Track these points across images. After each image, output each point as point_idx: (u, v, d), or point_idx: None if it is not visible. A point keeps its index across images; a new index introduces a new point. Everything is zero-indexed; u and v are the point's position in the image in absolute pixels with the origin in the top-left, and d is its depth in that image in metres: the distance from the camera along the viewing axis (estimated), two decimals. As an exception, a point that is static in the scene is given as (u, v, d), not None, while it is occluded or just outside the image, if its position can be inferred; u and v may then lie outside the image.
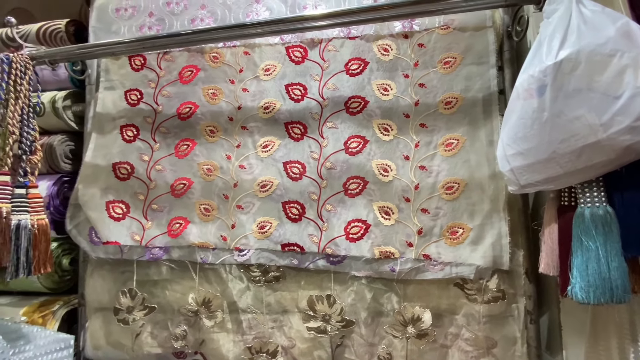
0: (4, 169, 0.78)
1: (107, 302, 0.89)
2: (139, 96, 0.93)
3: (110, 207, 0.89)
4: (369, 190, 0.82)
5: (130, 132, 0.92)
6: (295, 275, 0.83)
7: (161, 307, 0.87)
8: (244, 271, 0.84)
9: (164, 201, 0.88)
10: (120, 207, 0.89)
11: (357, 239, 0.79)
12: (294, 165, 0.84)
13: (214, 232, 0.84)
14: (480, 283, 0.76)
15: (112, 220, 0.88)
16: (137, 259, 0.87)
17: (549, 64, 0.54)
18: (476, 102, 0.82)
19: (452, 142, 0.81)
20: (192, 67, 0.93)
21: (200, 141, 0.89)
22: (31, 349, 0.84)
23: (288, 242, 0.80)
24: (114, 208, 0.89)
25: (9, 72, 0.82)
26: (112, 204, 0.89)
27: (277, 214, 0.82)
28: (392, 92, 0.85)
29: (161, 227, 0.87)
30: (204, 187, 0.87)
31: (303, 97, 0.87)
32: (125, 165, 0.90)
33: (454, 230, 0.78)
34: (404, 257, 0.77)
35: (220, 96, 0.90)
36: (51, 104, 1.01)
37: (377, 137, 0.84)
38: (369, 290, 0.79)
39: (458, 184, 0.79)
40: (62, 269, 0.99)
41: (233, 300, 0.84)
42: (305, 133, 0.86)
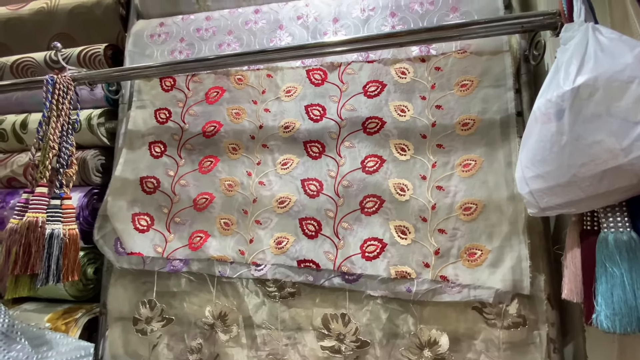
0: (43, 181, 0.84)
1: (127, 312, 0.92)
2: (167, 115, 0.99)
3: (136, 219, 0.93)
4: (385, 209, 0.82)
5: (158, 148, 0.97)
6: (311, 292, 0.83)
7: (178, 319, 0.88)
8: (260, 286, 0.85)
9: (186, 215, 0.92)
10: (145, 219, 0.93)
11: (373, 258, 0.79)
12: (312, 183, 0.86)
13: (233, 246, 0.86)
14: (500, 307, 0.74)
15: (137, 231, 0.92)
16: (158, 270, 0.90)
17: (567, 89, 0.55)
18: (494, 124, 0.82)
19: (469, 162, 0.81)
20: (218, 89, 0.98)
21: (223, 158, 0.93)
22: (53, 355, 0.87)
23: (304, 259, 0.81)
24: (139, 220, 0.93)
25: (52, 92, 0.89)
26: (138, 216, 0.93)
27: (294, 230, 0.84)
28: (409, 113, 0.87)
29: (182, 239, 0.90)
30: (224, 202, 0.90)
31: (322, 117, 0.90)
32: (152, 179, 0.95)
33: (472, 252, 0.77)
34: (420, 277, 0.77)
35: (243, 116, 0.95)
36: (87, 121, 1.08)
37: (394, 156, 0.85)
38: (385, 310, 0.78)
39: (476, 204, 0.79)
40: (86, 278, 1.03)
41: (248, 315, 0.84)
42: (323, 152, 0.88)
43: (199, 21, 1.03)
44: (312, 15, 0.95)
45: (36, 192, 0.82)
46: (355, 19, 0.93)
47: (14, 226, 0.80)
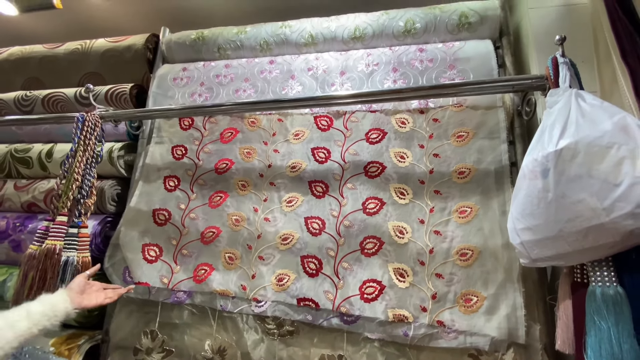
0: (64, 210, 0.90)
1: (128, 341, 0.94)
2: (183, 151, 1.06)
3: (145, 249, 0.97)
4: (384, 251, 0.86)
5: (172, 182, 1.03)
6: (309, 331, 0.84)
7: (179, 351, 0.90)
8: (259, 322, 0.87)
9: (193, 247, 0.96)
10: (154, 249, 0.97)
11: (371, 300, 0.81)
12: (315, 221, 0.90)
13: (235, 280, 0.89)
14: (496, 356, 0.75)
15: (145, 262, 0.96)
16: (162, 301, 0.93)
17: (551, 151, 0.60)
18: (488, 174, 0.87)
19: (465, 209, 0.85)
20: (232, 129, 1.06)
21: (232, 194, 0.99)
22: (54, 381, 0.88)
23: (304, 297, 0.83)
24: (149, 250, 0.97)
25: (82, 128, 0.98)
26: (148, 246, 0.98)
27: (296, 267, 0.87)
28: (409, 160, 0.93)
29: (188, 272, 0.93)
30: (230, 236, 0.95)
31: (327, 159, 0.96)
32: (164, 211, 1.00)
33: (468, 298, 0.79)
34: (417, 321, 0.78)
35: (254, 155, 1.02)
36: (108, 154, 1.16)
37: (393, 199, 0.90)
38: (382, 354, 0.79)
39: (472, 251, 0.81)
40: (92, 305, 1.06)
41: (247, 351, 0.86)
42: (327, 192, 0.94)
43: (219, 68, 1.13)
44: (322, 68, 1.05)
45: (57, 221, 0.88)
46: (361, 72, 1.01)
47: (32, 252, 0.85)
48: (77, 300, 0.71)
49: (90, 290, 0.76)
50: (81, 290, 0.74)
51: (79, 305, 0.71)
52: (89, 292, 0.75)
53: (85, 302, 0.73)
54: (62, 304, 0.68)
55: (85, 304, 0.73)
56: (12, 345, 0.59)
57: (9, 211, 1.22)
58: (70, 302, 0.70)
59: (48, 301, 0.67)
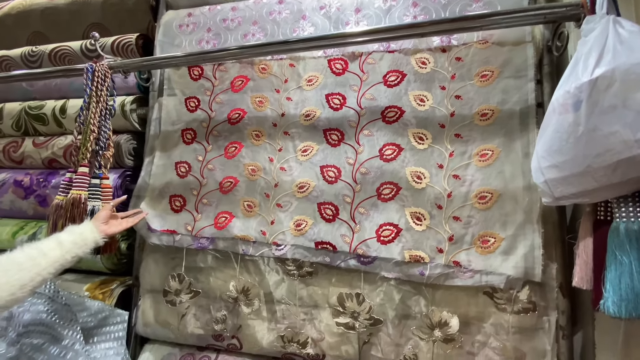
0: (85, 162, 0.91)
1: (157, 285, 1.00)
2: (196, 103, 1.04)
3: (172, 200, 1.01)
4: (401, 196, 0.85)
5: (189, 135, 1.03)
6: (327, 272, 0.88)
7: (205, 292, 0.96)
8: (280, 264, 0.91)
9: (212, 197, 0.98)
10: (179, 200, 1.00)
11: (388, 242, 0.83)
12: (330, 170, 0.90)
13: (255, 227, 0.92)
14: (511, 293, 0.77)
15: (172, 211, 1.00)
16: (186, 247, 0.97)
17: (585, 81, 0.56)
18: (513, 115, 0.83)
19: (487, 152, 0.83)
20: (242, 77, 1.03)
21: (247, 144, 0.98)
22: (93, 320, 0.96)
23: (322, 241, 0.86)
24: (175, 201, 1.00)
25: (92, 79, 0.96)
26: (174, 197, 1.01)
27: (313, 213, 0.88)
28: (429, 103, 0.89)
29: (209, 219, 0.96)
30: (248, 185, 0.96)
31: (342, 106, 0.93)
32: (184, 164, 1.02)
33: (486, 239, 0.79)
34: (433, 262, 0.80)
35: (266, 104, 0.99)
36: (120, 107, 1.15)
37: (411, 145, 0.88)
38: (398, 291, 0.82)
39: (491, 194, 0.80)
40: (120, 253, 1.12)
41: (269, 291, 0.90)
42: (342, 139, 0.92)
43: (225, 12, 1.07)
44: (335, 6, 0.97)
45: (79, 172, 0.90)
46: (377, 9, 0.94)
47: (59, 202, 0.88)
48: (102, 229, 0.80)
49: (115, 220, 0.85)
50: (106, 221, 0.82)
51: (105, 233, 0.80)
52: (113, 222, 0.84)
53: (111, 230, 0.82)
54: (90, 233, 0.76)
55: (111, 231, 0.82)
56: (48, 271, 0.66)
57: (30, 168, 1.25)
58: (97, 232, 0.78)
59: (77, 231, 0.74)
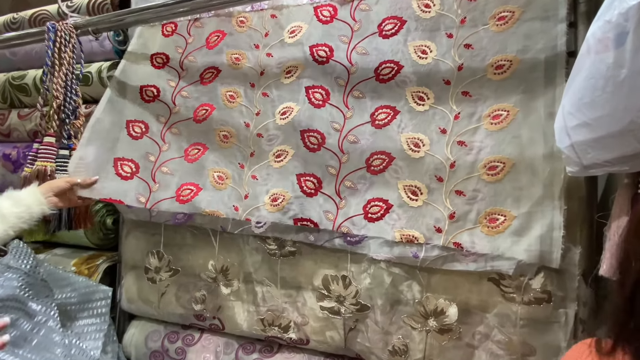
0: (50, 131, 0.85)
1: (139, 261, 0.95)
2: (164, 60, 0.93)
3: (118, 164, 0.85)
4: (395, 167, 0.73)
5: (151, 92, 0.91)
6: (311, 252, 0.79)
7: (184, 271, 0.90)
8: (260, 243, 0.82)
9: (175, 165, 0.86)
10: (129, 165, 0.86)
11: (376, 219, 0.72)
12: (313, 135, 0.78)
13: (226, 201, 0.81)
14: (521, 280, 0.65)
15: (119, 177, 0.85)
16: (164, 223, 0.91)
17: (633, 3, 0.40)
18: (536, 66, 0.67)
19: (500, 113, 0.69)
20: (219, 32, 0.91)
21: (220, 106, 0.87)
22: (76, 296, 0.93)
23: (301, 217, 0.76)
24: (123, 166, 0.86)
25: (54, 40, 0.87)
26: (122, 161, 0.86)
27: (291, 186, 0.78)
28: (432, 55, 0.74)
29: (169, 191, 0.84)
30: (219, 154, 0.85)
31: (328, 59, 0.79)
32: (140, 123, 0.89)
33: (494, 217, 0.67)
34: (430, 243, 0.69)
35: (243, 61, 0.87)
36: (97, 74, 1.07)
37: (409, 107, 0.74)
38: (388, 275, 0.72)
39: (503, 163, 0.67)
40: (106, 228, 1.08)
41: (249, 271, 0.83)
42: (328, 100, 0.79)
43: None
44: (322, -61, 0.82)
45: (44, 142, 0.84)
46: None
47: (26, 174, 0.83)
48: (53, 201, 0.72)
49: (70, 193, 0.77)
50: (61, 192, 0.74)
51: (54, 206, 0.73)
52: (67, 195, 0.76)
53: (61, 204, 0.75)
54: (38, 206, 0.70)
55: (61, 204, 0.75)
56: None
57: (18, 141, 1.22)
58: (46, 204, 0.71)
59: (23, 203, 0.67)
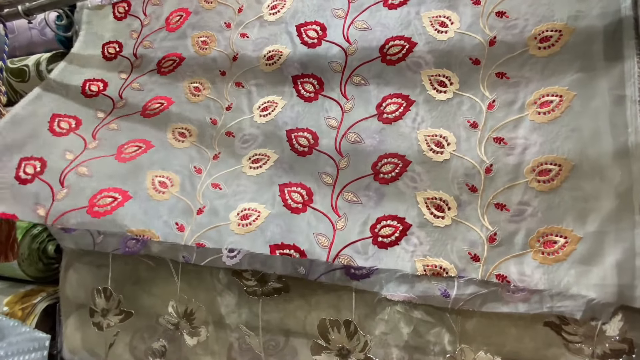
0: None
1: (83, 300, 0.75)
2: (117, 49, 0.75)
3: (22, 164, 0.64)
4: (411, 174, 0.56)
5: (95, 87, 0.73)
6: (303, 288, 0.60)
7: (139, 313, 0.70)
8: (235, 278, 0.63)
9: (98, 165, 0.64)
10: (33, 165, 0.64)
11: (389, 244, 0.54)
12: (302, 135, 0.60)
13: (166, 217, 0.59)
14: (592, 326, 0.48)
15: (17, 182, 0.63)
16: (112, 252, 0.71)
17: None
18: (593, 36, 0.52)
19: (550, 99, 0.53)
20: (181, 11, 0.73)
21: (180, 100, 0.68)
22: (3, 346, 0.73)
23: (282, 243, 0.55)
24: (26, 167, 0.64)
25: (-33, 21, 0.68)
26: (27, 161, 0.64)
27: (271, 199, 0.58)
28: (453, 28, 0.58)
29: (79, 198, 0.61)
30: (167, 155, 0.65)
31: (320, 40, 0.62)
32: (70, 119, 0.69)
33: (550, 240, 0.50)
34: (464, 276, 0.51)
35: (212, 45, 0.69)
36: (36, 67, 0.88)
37: (427, 95, 0.57)
38: (407, 321, 0.54)
39: (559, 165, 0.50)
40: (47, 256, 0.88)
41: (221, 315, 0.64)
42: (321, 91, 0.61)
43: None
44: None
45: (-54, 150, 0.64)
46: None
47: None
48: None
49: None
50: None
51: None
52: None
53: None
54: None
55: None
56: None
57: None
58: None
59: None
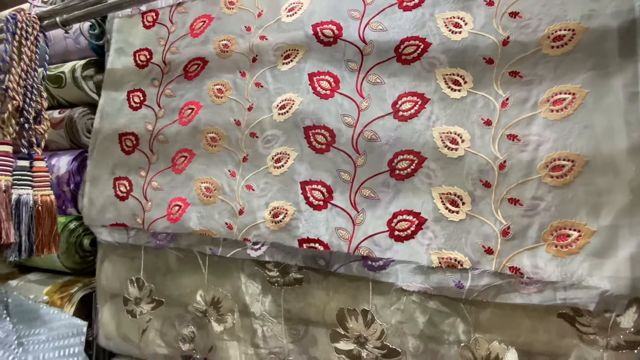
0: (7, 138, 0.71)
1: (117, 290, 0.81)
2: (148, 56, 0.80)
3: (117, 184, 0.79)
4: (426, 170, 0.58)
5: (137, 97, 0.80)
6: (322, 279, 0.63)
7: (169, 302, 0.75)
8: (259, 269, 0.67)
9: (164, 178, 0.75)
10: (124, 184, 0.78)
11: (405, 238, 0.56)
12: (319, 132, 0.63)
13: (217, 217, 0.68)
14: (606, 318, 0.49)
15: (117, 199, 0.77)
16: (144, 245, 0.76)
17: None
18: (607, 35, 0.52)
19: (563, 97, 0.53)
20: (205, 17, 0.77)
21: (206, 103, 0.73)
22: (44, 332, 0.79)
23: (308, 237, 0.60)
24: (119, 186, 0.78)
25: (14, 32, 0.74)
26: (119, 180, 0.79)
27: (294, 198, 0.62)
28: (467, 28, 0.59)
29: (161, 209, 0.73)
30: (206, 159, 0.71)
31: (336, 39, 0.65)
32: (130, 136, 0.79)
33: (563, 234, 0.51)
34: (478, 268, 0.53)
35: (232, 47, 0.73)
36: (71, 74, 0.94)
37: (442, 93, 0.59)
38: (423, 310, 0.56)
39: (572, 161, 0.51)
40: (83, 250, 0.94)
41: (245, 304, 0.68)
42: (337, 89, 0.64)
43: None
44: None
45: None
46: None
47: (-22, 191, 0.69)
48: None
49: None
50: None
51: None
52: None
53: None
54: None
55: None
56: None
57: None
58: None
59: None
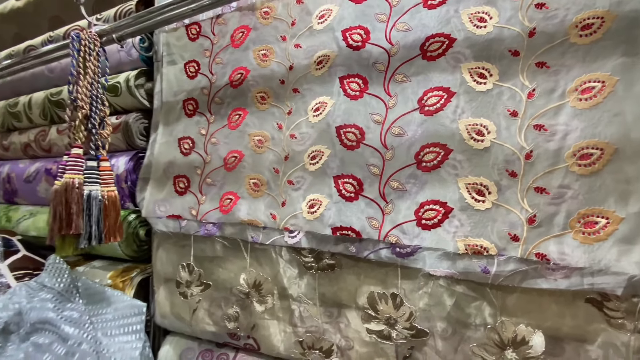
0: (78, 142, 0.82)
1: (171, 274, 0.91)
2: (196, 68, 0.89)
3: (176, 181, 0.90)
4: (452, 162, 0.60)
5: (191, 105, 0.89)
6: (354, 265, 0.68)
7: (216, 285, 0.83)
8: (295, 255, 0.73)
9: (217, 175, 0.84)
10: (183, 181, 0.89)
11: (432, 226, 0.59)
12: (350, 131, 0.67)
13: (264, 209, 0.76)
14: (634, 302, 0.49)
15: (177, 194, 0.88)
16: (193, 234, 0.85)
17: None
18: (638, 20, 0.51)
19: (592, 86, 0.53)
20: (243, 28, 0.83)
21: (252, 110, 0.80)
22: (110, 312, 0.90)
23: (340, 226, 0.65)
24: (179, 182, 0.89)
25: (78, 49, 0.85)
26: (178, 178, 0.89)
27: (328, 190, 0.68)
28: (492, 22, 0.60)
29: (214, 202, 0.83)
30: (254, 160, 0.79)
31: (364, 43, 0.69)
32: (188, 140, 0.89)
33: (591, 221, 0.51)
34: (504, 254, 0.55)
35: (271, 57, 0.79)
36: (125, 83, 1.05)
37: (467, 87, 0.61)
38: (450, 294, 0.59)
39: (601, 149, 0.51)
40: (139, 239, 1.05)
41: (284, 286, 0.74)
42: (366, 89, 0.68)
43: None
44: None
45: (72, 154, 0.81)
46: None
47: (57, 188, 0.81)
48: None
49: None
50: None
51: None
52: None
53: None
54: None
55: None
56: None
57: (58, 155, 1.25)
58: None
59: None
